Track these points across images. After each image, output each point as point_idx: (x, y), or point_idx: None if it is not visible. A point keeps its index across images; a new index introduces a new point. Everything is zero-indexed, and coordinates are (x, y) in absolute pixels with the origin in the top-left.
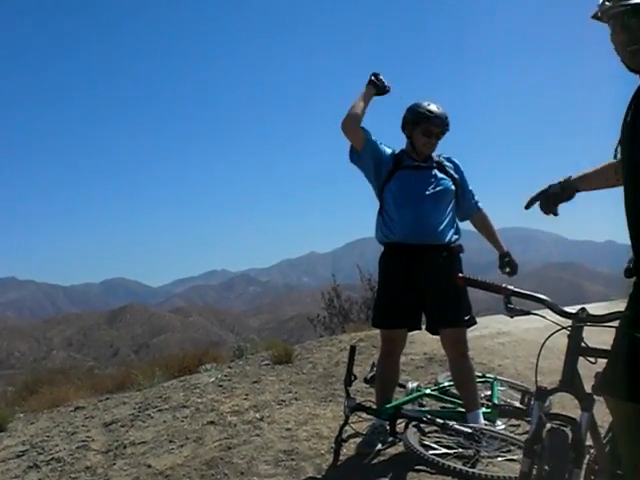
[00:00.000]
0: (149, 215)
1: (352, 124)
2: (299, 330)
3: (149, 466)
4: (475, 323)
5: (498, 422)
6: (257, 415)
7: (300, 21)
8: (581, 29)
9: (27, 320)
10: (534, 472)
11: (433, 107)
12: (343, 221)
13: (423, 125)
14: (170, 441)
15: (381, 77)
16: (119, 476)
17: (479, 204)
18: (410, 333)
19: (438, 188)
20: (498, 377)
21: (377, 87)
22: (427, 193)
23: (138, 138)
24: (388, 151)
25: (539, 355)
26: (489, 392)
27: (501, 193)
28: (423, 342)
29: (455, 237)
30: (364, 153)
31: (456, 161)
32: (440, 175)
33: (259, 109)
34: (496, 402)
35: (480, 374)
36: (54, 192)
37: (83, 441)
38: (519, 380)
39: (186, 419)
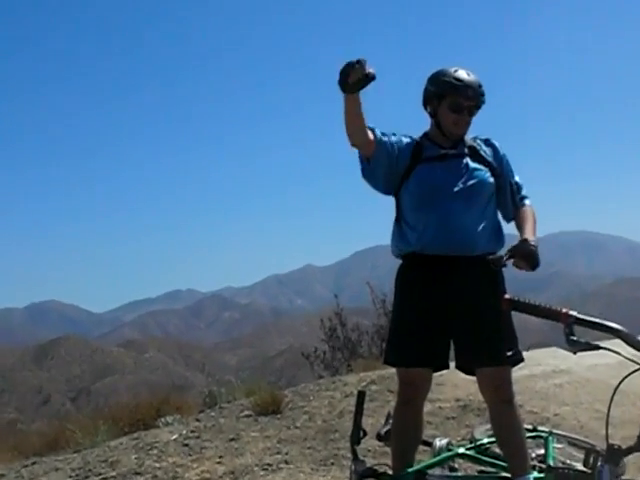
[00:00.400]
0: (90, 222)
1: (360, 138)
2: (290, 369)
3: None
4: (522, 360)
5: None
6: None
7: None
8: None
9: None
10: None
11: (462, 73)
12: (350, 225)
13: (450, 98)
14: None
15: (356, 65)
16: None
17: (525, 200)
18: (436, 373)
19: (471, 182)
20: (554, 431)
21: (352, 85)
22: (456, 189)
23: (77, 143)
24: (405, 142)
25: (611, 402)
26: (542, 451)
27: (559, 186)
28: (454, 384)
29: (496, 246)
30: (373, 161)
31: (496, 144)
32: (474, 165)
33: (223, 116)
34: (552, 464)
35: (530, 427)
36: None
37: None
38: (582, 434)
39: None
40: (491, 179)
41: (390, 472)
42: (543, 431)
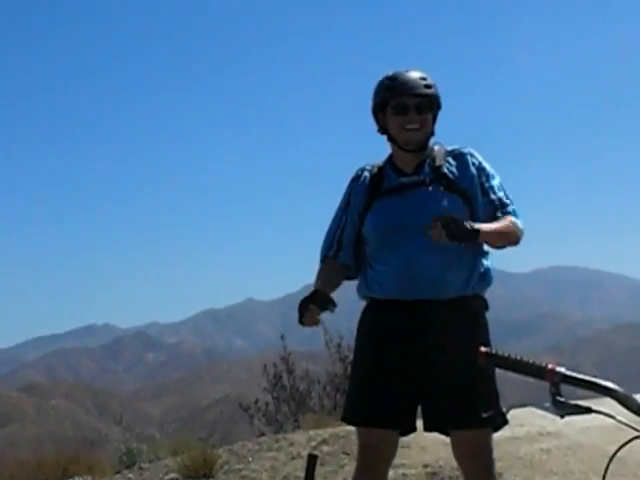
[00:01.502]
0: None
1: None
2: (226, 424)
3: None
4: (506, 423)
5: None
6: None
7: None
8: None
9: None
10: None
11: (397, 72)
12: (299, 253)
13: (391, 102)
14: None
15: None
16: None
17: (510, 214)
18: (404, 437)
19: (433, 216)
20: None
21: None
22: (415, 225)
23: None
24: (358, 198)
25: (606, 472)
26: None
27: (548, 219)
28: (422, 447)
29: (476, 287)
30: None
31: (467, 155)
32: (440, 194)
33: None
34: None
35: None
36: None
37: None
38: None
39: None
40: (461, 207)
41: None
42: None
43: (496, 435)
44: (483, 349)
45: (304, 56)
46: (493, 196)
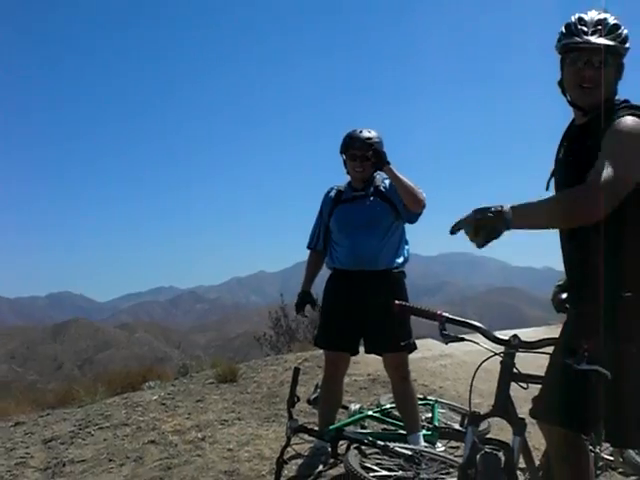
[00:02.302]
0: (98, 229)
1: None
2: (246, 348)
3: None
4: (415, 348)
5: (438, 444)
6: (199, 435)
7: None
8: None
9: None
10: None
11: (354, 132)
12: (293, 241)
13: (348, 152)
14: (110, 460)
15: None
16: None
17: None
18: (354, 357)
19: (371, 216)
20: (439, 400)
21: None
22: (360, 222)
23: (87, 154)
24: (329, 200)
25: (472, 381)
26: (430, 414)
27: (448, 218)
28: (367, 363)
29: (396, 262)
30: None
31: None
32: (376, 202)
33: (213, 128)
34: (437, 424)
35: (421, 397)
36: (1, 203)
37: (22, 457)
38: (459, 402)
39: (127, 437)
40: (388, 211)
41: (317, 428)
42: (431, 400)
43: (412, 356)
44: (397, 302)
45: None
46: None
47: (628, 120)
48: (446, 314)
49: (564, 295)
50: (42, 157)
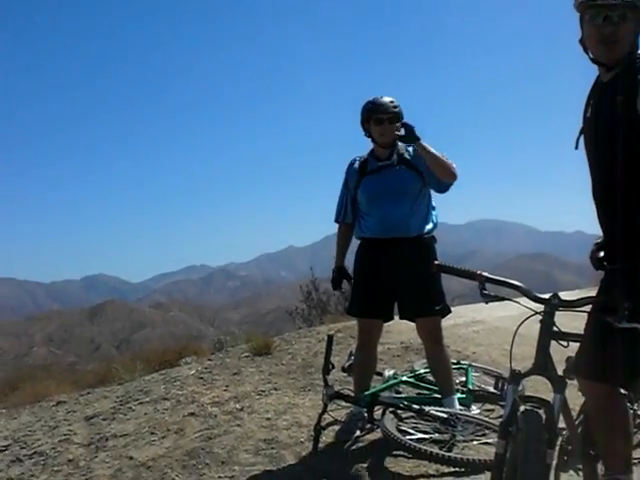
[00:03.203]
0: (128, 211)
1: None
2: (278, 323)
3: (131, 458)
4: (449, 312)
5: (473, 407)
6: (237, 406)
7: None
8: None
9: (8, 317)
10: (508, 453)
11: (375, 98)
12: (321, 214)
13: (372, 117)
14: (151, 433)
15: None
16: (101, 468)
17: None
18: (387, 323)
19: (399, 185)
20: (472, 364)
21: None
22: (389, 191)
23: (117, 134)
24: (354, 171)
25: (513, 340)
26: (464, 378)
27: (475, 186)
28: (400, 331)
29: (426, 228)
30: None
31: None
32: (403, 171)
33: (239, 102)
34: (471, 387)
35: (455, 361)
36: (34, 189)
37: (65, 435)
38: (493, 366)
39: (167, 411)
40: (416, 179)
41: (352, 395)
42: (464, 364)
43: (445, 322)
44: (436, 262)
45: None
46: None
47: None
48: (485, 273)
49: (602, 253)
50: (72, 139)
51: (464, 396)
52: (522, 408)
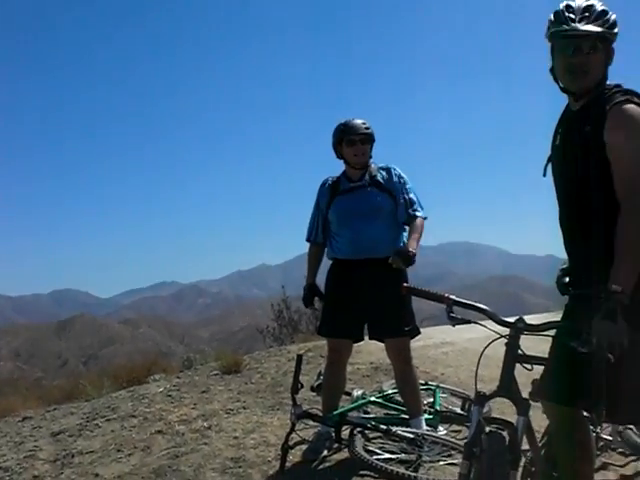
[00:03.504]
0: (99, 226)
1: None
2: (249, 341)
3: (97, 475)
4: (418, 333)
5: (440, 428)
6: (205, 424)
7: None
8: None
9: None
10: (472, 474)
11: (348, 120)
12: (294, 233)
13: (344, 139)
14: (118, 450)
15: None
16: None
17: (417, 212)
18: (357, 343)
19: (371, 206)
20: (440, 385)
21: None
22: (360, 212)
23: (90, 151)
24: (325, 191)
25: (479, 362)
26: (431, 399)
27: (447, 208)
28: (369, 352)
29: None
30: None
31: (392, 169)
32: (375, 192)
33: (216, 121)
34: (438, 408)
35: (423, 382)
36: (3, 201)
37: (31, 450)
38: (461, 387)
39: (134, 428)
40: (388, 200)
41: (320, 414)
42: (432, 385)
43: (415, 344)
44: (405, 284)
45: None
46: (406, 196)
47: (631, 109)
48: (453, 297)
49: (567, 278)
50: (43, 156)
51: (431, 417)
52: (486, 429)
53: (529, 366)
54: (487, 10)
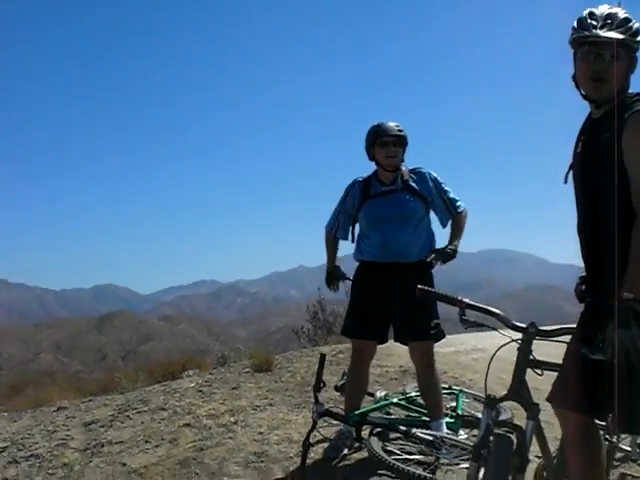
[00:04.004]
0: (142, 223)
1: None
2: (285, 342)
3: (124, 464)
4: (443, 337)
5: (461, 432)
6: (232, 419)
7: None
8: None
9: (16, 323)
10: (480, 476)
11: (381, 123)
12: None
13: (377, 140)
14: (146, 441)
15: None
16: (94, 473)
17: (459, 208)
18: (385, 345)
19: (403, 211)
20: (464, 389)
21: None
22: (392, 216)
23: (133, 145)
24: (356, 191)
25: (489, 365)
26: (454, 403)
27: (488, 215)
28: (399, 355)
29: (426, 253)
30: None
31: (424, 171)
32: (407, 197)
33: (256, 117)
34: (460, 413)
35: (446, 386)
36: (49, 197)
37: (62, 439)
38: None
39: (163, 421)
40: (421, 207)
41: (342, 413)
42: (455, 389)
43: (445, 350)
44: (419, 286)
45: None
46: (444, 196)
47: None
48: (466, 300)
49: (584, 286)
50: (87, 146)
51: (453, 421)
52: (495, 432)
53: (540, 371)
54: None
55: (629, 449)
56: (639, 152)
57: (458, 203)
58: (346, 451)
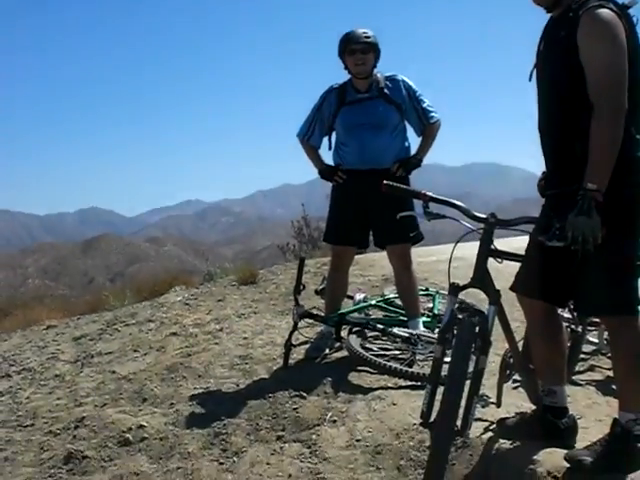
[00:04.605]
0: (124, 143)
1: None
2: (272, 259)
3: (113, 372)
4: (421, 239)
5: (437, 331)
6: (217, 326)
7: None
8: None
9: (2, 249)
10: (446, 358)
11: (351, 31)
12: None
13: (347, 48)
14: (134, 350)
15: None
16: (85, 382)
17: (432, 119)
18: (369, 256)
19: (377, 119)
20: (440, 291)
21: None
22: (367, 124)
23: (115, 65)
24: (332, 97)
25: (451, 256)
26: (431, 304)
27: (474, 128)
28: (382, 266)
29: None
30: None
31: (398, 79)
32: (382, 104)
33: (240, 38)
34: (436, 313)
35: (423, 287)
36: (30, 120)
37: (53, 353)
38: (462, 297)
39: (150, 331)
40: (394, 114)
41: (322, 314)
42: (432, 291)
43: (427, 259)
44: (385, 182)
45: None
46: (418, 105)
47: (603, 13)
48: (430, 193)
49: (544, 181)
50: (70, 71)
51: (429, 320)
52: (459, 317)
53: (500, 260)
54: None
55: (597, 341)
56: (592, 45)
57: (432, 114)
58: (327, 350)
